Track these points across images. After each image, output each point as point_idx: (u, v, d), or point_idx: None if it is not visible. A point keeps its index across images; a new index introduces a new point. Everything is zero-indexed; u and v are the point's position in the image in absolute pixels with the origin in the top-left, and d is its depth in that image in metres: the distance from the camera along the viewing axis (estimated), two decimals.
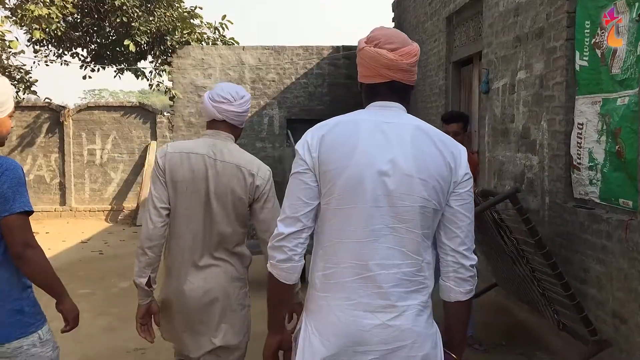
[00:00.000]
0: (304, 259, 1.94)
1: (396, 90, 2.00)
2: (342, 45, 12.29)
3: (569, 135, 4.62)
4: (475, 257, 1.90)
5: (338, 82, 12.27)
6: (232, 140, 2.84)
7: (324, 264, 1.89)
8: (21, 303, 2.45)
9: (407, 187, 1.82)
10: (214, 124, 2.84)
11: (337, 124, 1.97)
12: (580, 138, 4.47)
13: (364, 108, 2.03)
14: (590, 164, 4.35)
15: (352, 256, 1.84)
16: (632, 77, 3.83)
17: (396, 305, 1.82)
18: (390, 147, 1.86)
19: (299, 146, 1.97)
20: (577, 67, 4.53)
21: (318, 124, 2.01)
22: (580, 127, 4.48)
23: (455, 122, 4.82)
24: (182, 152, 2.73)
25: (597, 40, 4.28)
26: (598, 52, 4.27)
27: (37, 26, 10.34)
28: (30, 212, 2.38)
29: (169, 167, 2.71)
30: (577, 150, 4.51)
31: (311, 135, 1.96)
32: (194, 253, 2.74)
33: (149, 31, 11.58)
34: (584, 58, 4.44)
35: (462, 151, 1.94)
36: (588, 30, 4.38)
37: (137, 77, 12.80)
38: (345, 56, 12.26)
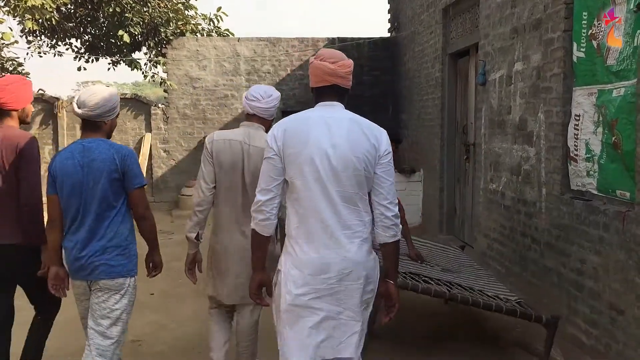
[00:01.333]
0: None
1: (336, 92, 2.79)
2: (338, 37, 12.23)
3: (566, 126, 4.62)
4: (397, 210, 2.69)
5: None
6: (263, 129, 3.55)
7: (297, 219, 2.69)
8: (131, 252, 3.30)
9: (345, 162, 2.62)
10: (249, 116, 3.60)
11: (294, 119, 2.73)
12: (577, 129, 4.47)
13: (313, 107, 2.79)
14: (587, 155, 4.35)
15: (314, 213, 2.64)
16: (629, 68, 3.83)
17: (346, 243, 2.64)
18: (332, 134, 2.64)
19: (269, 138, 2.70)
20: (575, 59, 4.52)
21: (280, 120, 2.76)
22: (577, 118, 4.47)
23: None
24: (224, 139, 3.51)
25: (594, 32, 4.27)
26: (594, 43, 4.26)
27: (30, 16, 10.25)
28: (145, 184, 3.32)
29: (216, 151, 3.49)
30: (574, 141, 4.51)
31: (277, 130, 2.70)
32: (234, 216, 3.51)
33: (142, 22, 11.51)
34: (581, 49, 4.44)
35: (383, 133, 2.73)
36: (585, 22, 4.37)
37: (132, 68, 12.72)
38: (340, 48, 12.20)
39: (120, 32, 11.43)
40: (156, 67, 12.07)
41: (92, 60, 13.25)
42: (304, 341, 2.66)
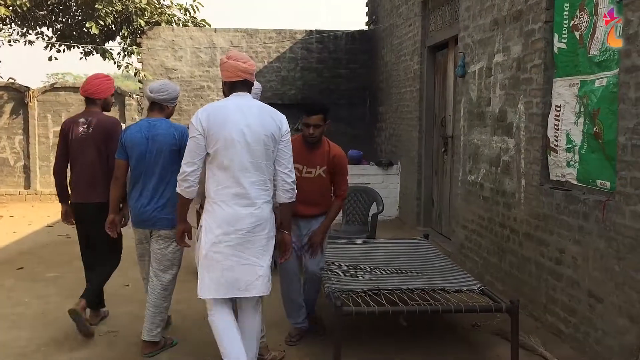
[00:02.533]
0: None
1: (246, 85, 3.48)
2: (316, 30, 12.19)
3: (546, 117, 4.65)
4: (294, 177, 3.50)
5: (310, 66, 12.18)
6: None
7: (216, 184, 3.40)
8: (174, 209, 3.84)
9: (257, 138, 3.34)
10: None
11: (215, 106, 3.44)
12: (558, 120, 4.50)
13: (227, 97, 3.51)
14: (568, 145, 4.37)
15: (232, 179, 3.35)
16: (611, 58, 3.86)
17: (255, 203, 3.38)
18: (246, 117, 3.35)
19: (194, 120, 3.39)
20: (556, 50, 4.54)
21: (204, 107, 3.50)
22: (558, 109, 4.50)
23: (316, 115, 4.20)
24: None
25: (576, 23, 4.29)
26: (576, 34, 4.29)
27: (2, 3, 9.99)
28: None
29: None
30: (555, 132, 4.54)
31: (201, 114, 3.41)
32: None
33: (114, 12, 11.29)
34: (563, 40, 4.46)
35: (283, 118, 3.48)
36: (567, 13, 4.39)
37: (105, 58, 12.49)
38: (318, 40, 12.16)
39: (89, 24, 11.21)
40: (130, 57, 11.86)
41: (64, 50, 12.99)
42: (218, 281, 3.39)
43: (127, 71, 11.70)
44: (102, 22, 11.11)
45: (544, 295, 4.61)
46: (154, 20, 12.00)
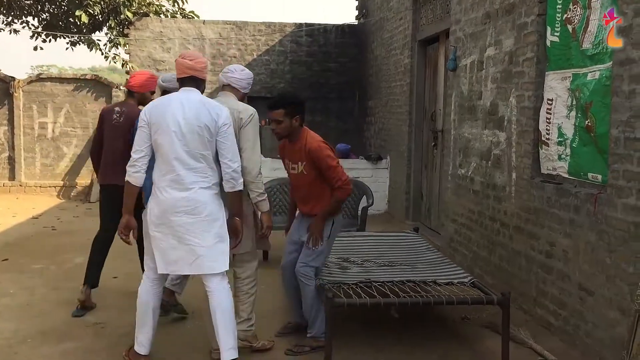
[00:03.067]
0: None
1: (194, 81, 3.69)
2: (305, 23, 12.13)
3: (538, 111, 4.65)
4: (236, 166, 3.62)
5: (300, 60, 12.12)
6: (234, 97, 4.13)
7: (159, 171, 3.62)
8: None
9: (191, 129, 3.54)
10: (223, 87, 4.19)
11: (159, 100, 3.71)
12: (550, 114, 4.50)
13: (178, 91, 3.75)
14: (560, 139, 4.38)
15: (171, 166, 3.56)
16: (604, 51, 3.86)
17: (190, 187, 3.58)
18: (184, 110, 3.57)
19: (142, 113, 3.65)
20: (548, 43, 4.54)
21: (153, 100, 3.95)
22: (550, 102, 4.50)
23: (276, 109, 4.06)
24: None
25: (569, 16, 4.29)
26: (569, 27, 4.28)
27: None
28: None
29: None
30: (546, 125, 4.54)
31: (147, 107, 3.69)
32: None
33: (101, 1, 11.16)
34: (555, 33, 4.46)
35: (223, 110, 3.63)
36: (560, 6, 4.39)
37: (90, 49, 12.35)
38: (307, 33, 12.11)
39: (78, 12, 11.07)
40: (118, 48, 11.73)
41: (50, 40, 12.83)
42: (163, 257, 3.67)
43: (115, 62, 11.57)
44: (90, 11, 10.97)
45: (534, 288, 4.62)
46: (141, 12, 11.87)
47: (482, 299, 3.92)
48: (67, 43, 12.59)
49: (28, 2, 11.83)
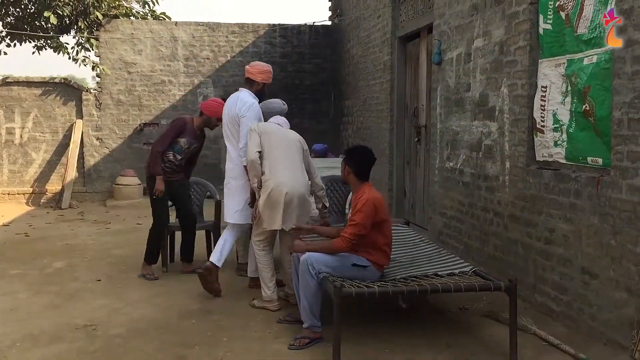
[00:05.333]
0: None
1: (247, 81, 5.26)
2: (279, 24, 12.05)
3: (531, 99, 4.67)
4: (241, 146, 5.06)
5: (274, 61, 11.98)
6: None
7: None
8: None
9: (229, 119, 5.26)
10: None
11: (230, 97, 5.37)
12: (544, 101, 4.52)
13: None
14: (555, 125, 4.40)
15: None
16: (600, 35, 3.89)
17: (233, 160, 5.19)
18: (229, 105, 5.28)
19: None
20: (541, 31, 4.57)
21: None
22: (544, 90, 4.53)
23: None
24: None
25: (561, 3, 4.33)
26: (562, 14, 4.32)
27: None
28: None
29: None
30: (541, 113, 4.56)
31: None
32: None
33: (71, 2, 10.88)
34: (548, 21, 4.49)
35: (243, 105, 5.06)
36: None
37: (58, 52, 11.98)
38: (281, 35, 12.04)
39: (47, 13, 10.75)
40: (89, 50, 11.44)
41: (14, 44, 12.43)
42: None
43: (85, 65, 11.27)
44: (60, 12, 10.66)
45: (532, 275, 4.63)
46: (111, 13, 11.62)
47: (490, 286, 3.89)
48: (34, 47, 12.21)
49: None
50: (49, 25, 11.13)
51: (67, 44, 11.54)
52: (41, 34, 11.48)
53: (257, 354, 4.01)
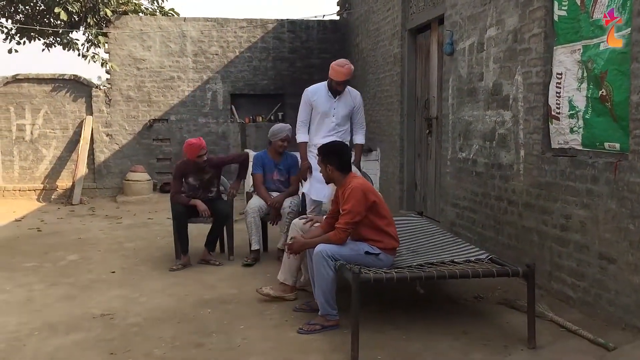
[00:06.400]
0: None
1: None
2: (287, 19, 12.05)
3: (546, 86, 4.66)
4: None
5: (283, 57, 12.04)
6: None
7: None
8: None
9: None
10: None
11: None
12: (560, 88, 4.51)
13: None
14: (571, 112, 4.39)
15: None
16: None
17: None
18: None
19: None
20: (556, 17, 4.56)
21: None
22: (559, 76, 4.51)
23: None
24: None
25: None
26: (577, 0, 4.30)
27: None
28: None
29: None
30: (556, 100, 4.55)
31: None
32: None
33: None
34: (563, 8, 4.47)
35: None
36: None
37: (68, 49, 12.02)
38: (290, 30, 12.04)
39: (57, 9, 10.78)
40: (98, 46, 11.47)
41: (24, 42, 12.48)
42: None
43: (95, 61, 11.29)
44: (69, 9, 10.69)
45: (548, 263, 4.62)
46: (120, 10, 11.64)
47: (508, 271, 3.89)
48: (43, 44, 12.25)
49: (2, 3, 11.49)
50: (59, 22, 11.17)
51: (77, 40, 11.58)
52: (51, 29, 11.51)
53: (274, 341, 4.02)
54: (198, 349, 3.91)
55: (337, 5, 12.21)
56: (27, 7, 11.66)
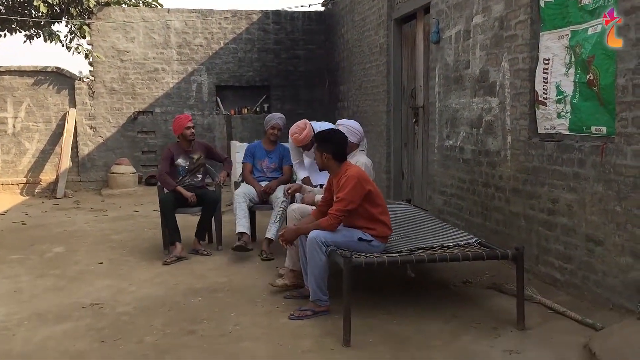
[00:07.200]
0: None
1: None
2: (272, 10, 12.01)
3: (533, 72, 4.70)
4: None
5: (268, 48, 12.01)
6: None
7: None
8: None
9: None
10: None
11: None
12: (547, 73, 4.55)
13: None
14: (558, 97, 4.43)
15: None
16: (605, 5, 3.92)
17: None
18: None
19: None
20: (542, 4, 4.59)
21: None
22: (546, 62, 4.55)
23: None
24: None
25: None
26: None
27: None
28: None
29: None
30: (543, 85, 4.59)
31: None
32: None
33: None
34: None
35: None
36: None
37: (51, 41, 11.87)
38: (274, 21, 12.00)
39: (36, 2, 10.64)
40: (82, 38, 11.33)
41: (5, 35, 12.30)
42: None
43: (78, 52, 11.16)
44: (49, 1, 10.56)
45: (535, 247, 4.67)
46: (103, 1, 11.52)
47: (497, 254, 3.93)
48: (25, 37, 12.09)
49: None
50: (40, 13, 11.04)
51: (60, 31, 11.45)
52: (32, 19, 11.36)
53: (265, 327, 4.03)
54: (190, 335, 3.91)
55: None
56: (7, 1, 11.50)
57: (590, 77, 4.06)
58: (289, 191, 5.49)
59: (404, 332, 3.87)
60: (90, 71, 11.62)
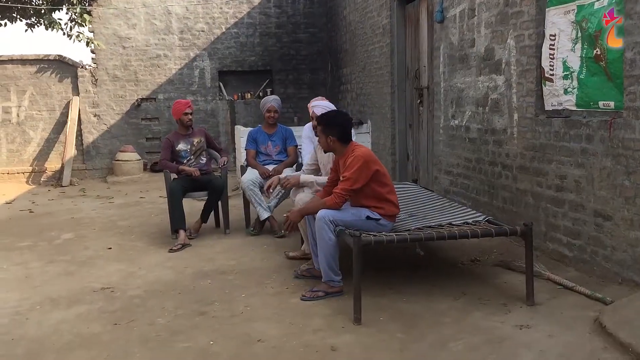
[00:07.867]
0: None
1: None
2: None
3: (539, 48, 4.67)
4: None
5: (269, 32, 11.95)
6: None
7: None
8: None
9: None
10: None
11: None
12: (553, 49, 4.53)
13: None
14: (565, 73, 4.41)
15: None
16: None
17: None
18: None
19: None
20: None
21: None
22: (553, 38, 4.52)
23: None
24: None
25: None
26: None
27: None
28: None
29: None
30: (550, 62, 4.57)
31: None
32: None
33: None
34: None
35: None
36: None
37: (51, 29, 11.84)
38: (275, 5, 11.94)
39: None
40: (82, 25, 11.29)
41: (5, 24, 12.27)
42: None
43: (80, 40, 11.13)
44: None
45: (543, 224, 4.68)
46: None
47: (506, 230, 3.93)
48: (26, 25, 12.05)
49: None
50: (40, 1, 11.00)
51: (61, 19, 11.40)
52: (32, 6, 11.32)
53: (276, 308, 4.05)
54: (201, 316, 3.94)
55: None
56: None
57: (597, 51, 4.03)
58: (268, 189, 5.28)
59: (414, 309, 3.89)
60: (92, 59, 11.60)
